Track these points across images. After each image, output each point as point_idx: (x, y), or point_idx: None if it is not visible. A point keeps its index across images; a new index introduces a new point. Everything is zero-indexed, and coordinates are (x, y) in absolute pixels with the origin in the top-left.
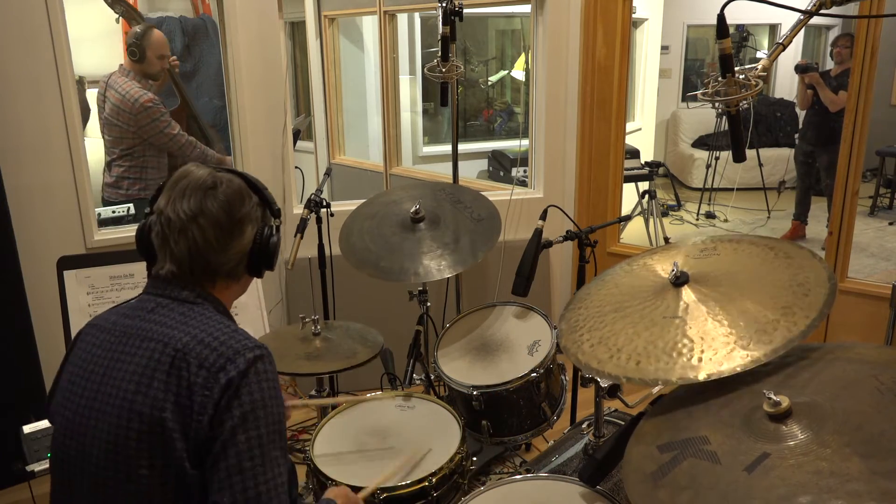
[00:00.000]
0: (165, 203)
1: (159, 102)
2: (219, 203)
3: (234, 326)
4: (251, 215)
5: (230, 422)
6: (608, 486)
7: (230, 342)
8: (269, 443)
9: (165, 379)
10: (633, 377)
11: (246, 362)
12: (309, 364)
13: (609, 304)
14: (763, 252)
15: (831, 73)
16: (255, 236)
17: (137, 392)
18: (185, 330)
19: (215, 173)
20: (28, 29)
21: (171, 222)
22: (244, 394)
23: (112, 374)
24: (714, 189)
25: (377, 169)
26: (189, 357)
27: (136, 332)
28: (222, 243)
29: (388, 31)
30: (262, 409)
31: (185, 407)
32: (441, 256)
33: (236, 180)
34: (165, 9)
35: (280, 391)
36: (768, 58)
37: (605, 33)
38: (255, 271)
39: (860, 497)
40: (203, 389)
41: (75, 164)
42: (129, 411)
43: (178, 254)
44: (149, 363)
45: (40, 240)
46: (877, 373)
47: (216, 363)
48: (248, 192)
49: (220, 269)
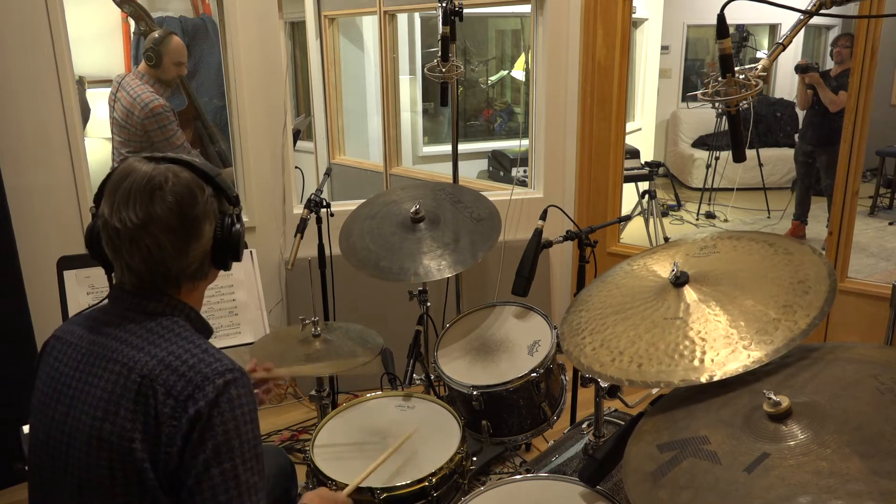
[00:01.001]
0: (109, 211)
1: (169, 109)
2: (168, 206)
3: (205, 345)
4: (206, 211)
5: (202, 454)
6: (608, 486)
7: (199, 366)
8: (246, 471)
9: (133, 408)
10: (635, 380)
11: (216, 390)
12: (309, 366)
13: (610, 306)
14: (763, 249)
15: (831, 73)
16: (214, 232)
17: (105, 420)
18: (151, 352)
19: (159, 167)
20: (28, 29)
21: (120, 233)
22: (216, 424)
23: (81, 396)
24: (714, 189)
25: (377, 169)
26: (155, 384)
27: (102, 351)
28: (180, 248)
29: (388, 31)
30: (236, 438)
31: (153, 437)
32: (441, 256)
33: (184, 174)
34: (165, 9)
35: (255, 412)
36: (768, 58)
37: (605, 33)
38: (222, 265)
39: (860, 497)
40: (171, 420)
41: (75, 164)
42: (98, 440)
43: (135, 266)
44: (115, 388)
45: (40, 240)
46: (877, 373)
47: (184, 391)
48: (199, 184)
49: (182, 274)
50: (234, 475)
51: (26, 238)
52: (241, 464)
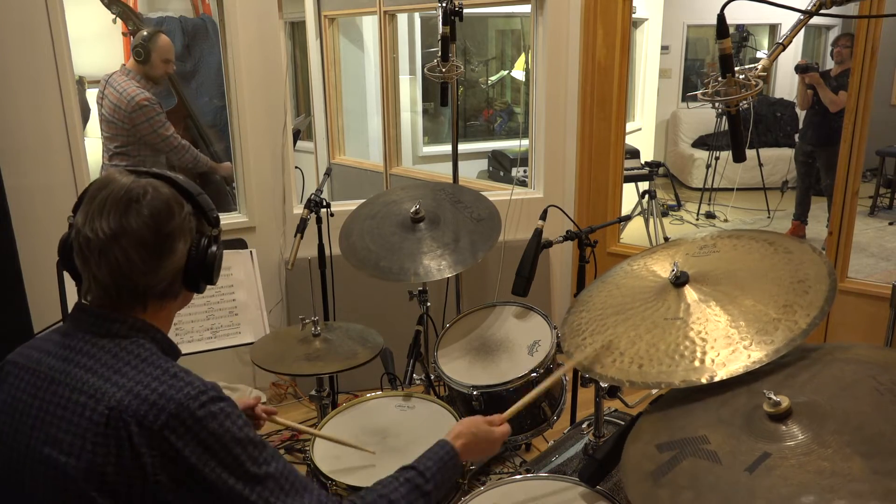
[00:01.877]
0: (83, 220)
1: (155, 102)
2: (142, 219)
3: (173, 369)
4: (182, 228)
5: (213, 472)
6: (608, 486)
7: (170, 393)
8: (262, 465)
9: (102, 441)
10: (636, 381)
11: (191, 415)
12: (309, 365)
13: (610, 306)
14: (763, 247)
15: (831, 73)
16: (188, 251)
17: (70, 454)
18: (117, 381)
19: (139, 181)
20: (28, 29)
21: (90, 242)
22: (211, 444)
23: (43, 427)
24: (714, 189)
25: (377, 169)
26: (125, 416)
27: (65, 379)
28: (150, 264)
29: (388, 31)
30: (236, 445)
31: (132, 469)
32: (441, 256)
33: (164, 189)
34: (165, 9)
35: (242, 416)
36: (768, 58)
37: (605, 33)
38: (194, 287)
39: (863, 496)
40: (150, 450)
41: (75, 164)
42: (64, 474)
43: (102, 279)
44: (80, 421)
45: (40, 240)
46: (876, 373)
47: (157, 420)
48: (179, 200)
49: (150, 291)
50: (252, 476)
51: (26, 238)
52: (252, 463)
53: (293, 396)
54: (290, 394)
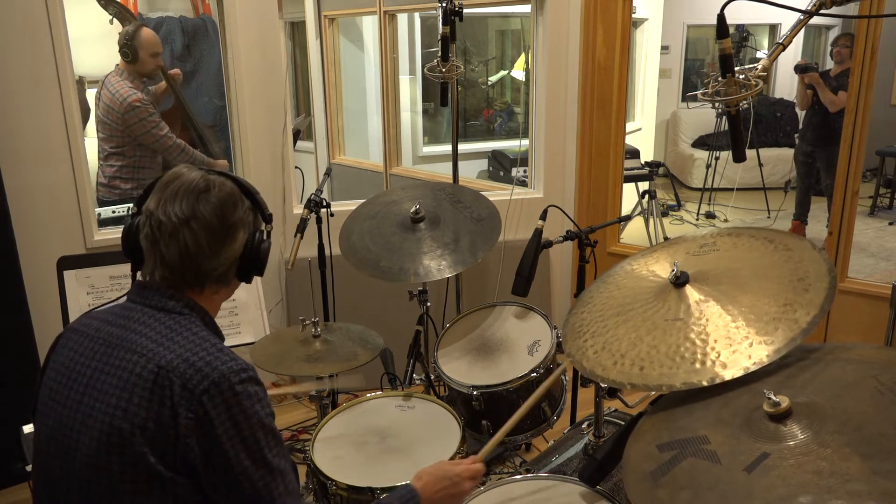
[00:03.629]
0: (156, 205)
1: (148, 102)
2: (211, 207)
3: (220, 345)
4: (244, 220)
5: (231, 447)
6: (608, 486)
7: (215, 363)
8: (275, 458)
9: (147, 396)
10: (637, 383)
11: (231, 387)
12: (309, 366)
13: (611, 307)
14: (763, 245)
15: (831, 74)
16: (246, 242)
17: (118, 407)
18: (169, 346)
19: (207, 176)
20: (28, 29)
21: (163, 225)
22: (240, 420)
23: (95, 384)
24: (714, 189)
25: (377, 169)
26: (172, 376)
27: (120, 342)
28: (214, 248)
29: (388, 31)
30: (260, 429)
31: (168, 426)
32: (441, 256)
33: (228, 184)
34: (165, 9)
35: (269, 404)
36: (768, 58)
37: (605, 33)
38: (246, 276)
39: (861, 497)
40: (187, 412)
41: (75, 164)
42: (110, 426)
43: (169, 259)
44: (129, 377)
45: (40, 240)
46: (877, 373)
47: (199, 385)
48: (241, 196)
49: (210, 275)
50: (265, 462)
51: (26, 238)
52: (269, 451)
53: (293, 396)
54: (291, 394)
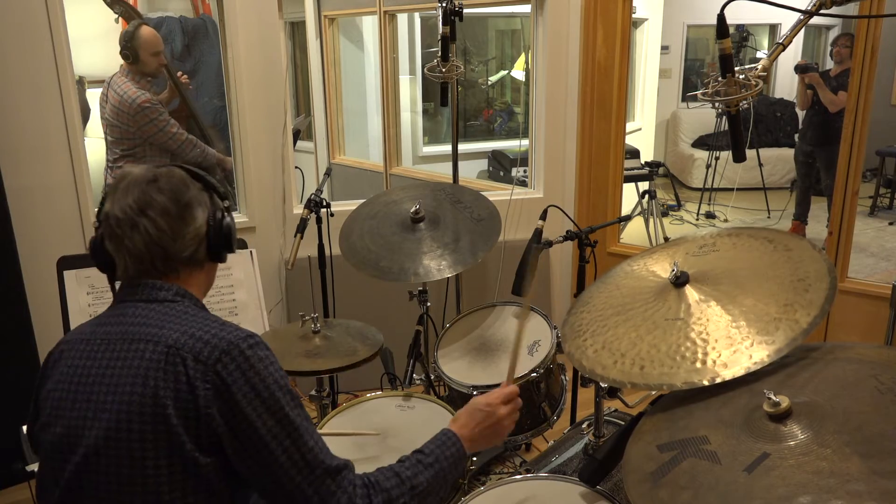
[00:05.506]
0: (111, 206)
1: (157, 102)
2: (163, 193)
3: (221, 320)
4: (198, 198)
5: (253, 410)
6: (608, 486)
7: (222, 334)
8: (297, 416)
9: (163, 376)
10: (637, 383)
11: (241, 353)
12: (309, 362)
13: (611, 307)
14: (762, 245)
15: (831, 74)
16: (207, 219)
17: (134, 393)
18: (172, 327)
19: (153, 168)
20: (28, 29)
21: (120, 221)
22: (256, 382)
23: (103, 381)
24: (714, 189)
25: (377, 169)
26: (183, 352)
27: (121, 336)
28: (175, 230)
29: (388, 31)
30: (278, 389)
31: (187, 400)
32: (441, 256)
33: (177, 171)
34: (165, 9)
35: (281, 368)
36: (768, 58)
37: (605, 33)
38: (216, 255)
39: (860, 497)
40: (204, 383)
41: (75, 164)
42: (129, 412)
43: (135, 249)
44: (141, 363)
45: (40, 240)
46: (877, 373)
47: (211, 355)
48: (190, 179)
49: (178, 257)
50: (290, 420)
51: (26, 238)
52: (291, 409)
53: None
54: None
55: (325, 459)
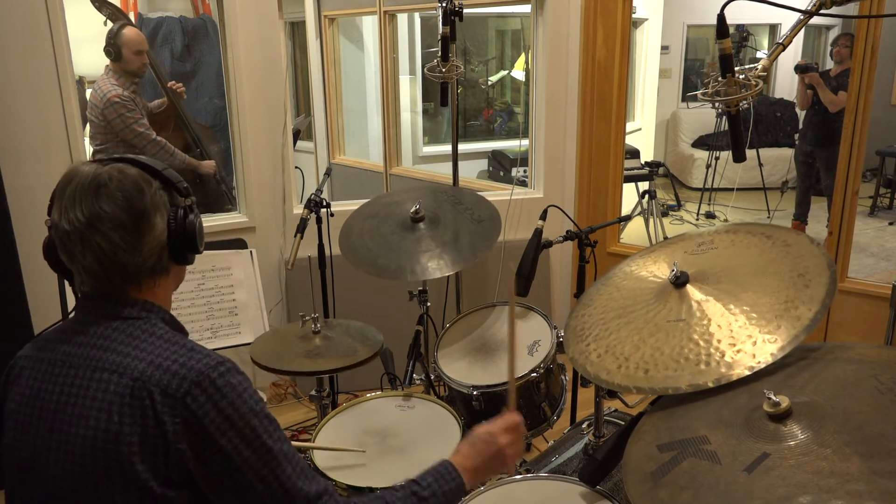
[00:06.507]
0: (59, 215)
1: (128, 99)
2: (114, 201)
3: (190, 344)
4: (155, 203)
5: (229, 442)
6: (608, 486)
7: (190, 363)
8: (276, 442)
9: (129, 412)
10: (643, 387)
11: (212, 383)
12: (309, 362)
13: (612, 309)
14: (760, 242)
15: (831, 74)
16: (168, 224)
17: (98, 429)
18: (137, 356)
19: (103, 167)
20: (28, 29)
21: (69, 235)
22: (230, 412)
23: (65, 409)
24: (714, 189)
25: (377, 169)
26: (149, 385)
27: (84, 361)
28: (131, 243)
29: (388, 31)
30: (253, 417)
31: (154, 437)
32: (440, 256)
33: (130, 170)
34: (165, 9)
35: (256, 392)
36: (768, 58)
37: (605, 33)
38: (181, 259)
39: (860, 497)
40: (172, 418)
41: None
42: (93, 449)
43: (89, 266)
44: (105, 396)
45: (40, 240)
46: (877, 373)
47: (180, 388)
48: (146, 178)
49: (140, 269)
50: (267, 448)
51: (26, 238)
52: (268, 437)
53: (293, 396)
54: (290, 394)
55: (304, 486)
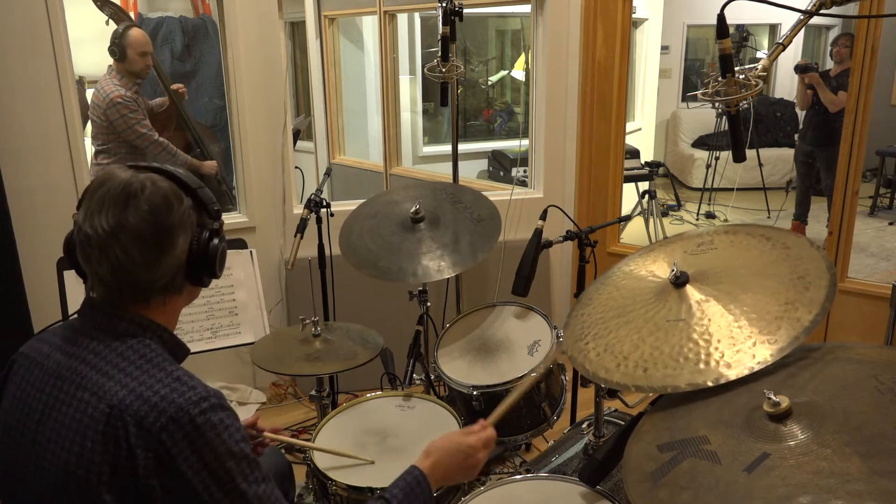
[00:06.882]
0: (83, 217)
1: (130, 99)
2: (140, 214)
3: (177, 373)
4: (182, 222)
5: (202, 482)
6: (608, 486)
7: (171, 396)
8: (251, 485)
9: (101, 440)
10: (641, 385)
11: (191, 420)
12: (309, 365)
13: (612, 308)
14: (760, 243)
15: (831, 73)
16: (190, 245)
17: (71, 451)
18: (120, 380)
19: (137, 175)
20: (28, 29)
21: (90, 239)
22: (205, 453)
23: (47, 422)
24: (714, 189)
25: (377, 169)
26: (125, 415)
27: (70, 374)
28: (150, 259)
29: (388, 31)
30: (230, 459)
31: (125, 469)
32: (441, 257)
33: (163, 183)
34: (165, 9)
35: (241, 429)
36: (768, 58)
37: (605, 33)
38: (197, 281)
39: (860, 497)
40: (145, 452)
41: (75, 164)
42: (66, 472)
43: (103, 275)
44: (82, 418)
45: (40, 240)
46: (877, 373)
47: (157, 422)
48: (178, 194)
49: (152, 286)
50: (240, 493)
51: (26, 238)
52: (243, 480)
53: (293, 396)
54: (290, 394)
55: None
